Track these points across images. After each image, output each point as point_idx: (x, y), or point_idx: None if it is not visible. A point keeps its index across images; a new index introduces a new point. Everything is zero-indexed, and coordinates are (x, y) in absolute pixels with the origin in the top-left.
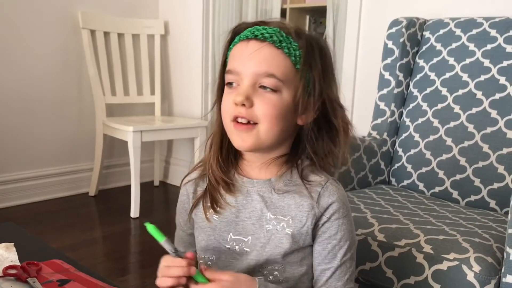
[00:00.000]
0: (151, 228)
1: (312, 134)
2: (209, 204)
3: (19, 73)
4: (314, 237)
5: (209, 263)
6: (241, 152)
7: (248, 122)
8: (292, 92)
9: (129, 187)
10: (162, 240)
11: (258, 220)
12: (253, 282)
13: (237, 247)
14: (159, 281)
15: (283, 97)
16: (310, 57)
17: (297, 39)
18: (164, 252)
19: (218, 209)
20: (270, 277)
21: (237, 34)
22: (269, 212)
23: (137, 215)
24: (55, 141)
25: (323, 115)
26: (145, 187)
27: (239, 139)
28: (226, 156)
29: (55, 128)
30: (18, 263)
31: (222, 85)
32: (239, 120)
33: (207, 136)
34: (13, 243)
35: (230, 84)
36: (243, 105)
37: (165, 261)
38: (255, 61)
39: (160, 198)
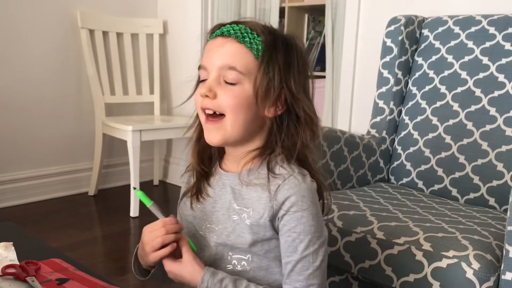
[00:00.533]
0: (139, 193)
1: (276, 125)
2: (194, 194)
3: (18, 72)
4: (277, 230)
5: None
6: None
7: (214, 113)
8: (253, 83)
9: (128, 186)
10: (149, 204)
11: (227, 211)
12: (201, 269)
13: (208, 235)
14: (151, 246)
15: (244, 88)
16: (270, 50)
17: (262, 34)
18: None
19: (201, 199)
20: (238, 266)
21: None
22: (235, 204)
23: (137, 214)
24: (54, 140)
25: (289, 108)
26: (145, 186)
27: (210, 135)
28: (208, 149)
29: (54, 127)
30: (17, 262)
31: (199, 83)
32: (207, 111)
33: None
34: (11, 243)
35: (200, 79)
36: (207, 96)
37: (151, 226)
38: (218, 55)
39: (160, 197)
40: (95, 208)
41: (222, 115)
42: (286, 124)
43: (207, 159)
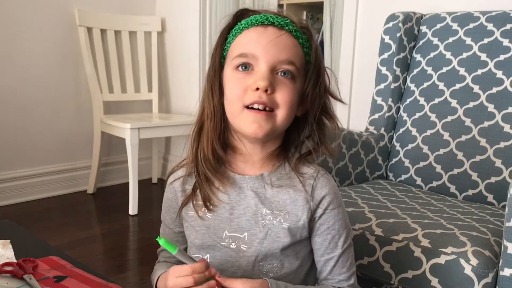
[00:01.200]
0: (162, 241)
1: (310, 125)
2: (200, 202)
3: (16, 71)
4: (311, 229)
5: None
6: (234, 147)
7: (264, 109)
8: (302, 82)
9: (127, 184)
10: (174, 251)
11: (253, 216)
12: (265, 283)
13: (233, 244)
14: None
15: (297, 85)
16: (318, 51)
17: (305, 31)
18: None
19: (211, 206)
20: (270, 274)
21: (239, 19)
22: (265, 208)
23: (136, 212)
24: (53, 139)
25: (321, 108)
26: (143, 184)
27: (256, 125)
28: (215, 149)
29: (52, 126)
30: (14, 260)
31: (218, 70)
32: (256, 106)
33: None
34: (9, 240)
35: (243, 67)
36: (266, 91)
37: (179, 271)
38: (277, 47)
39: (159, 195)
40: (94, 206)
41: (271, 110)
42: (310, 124)
43: (211, 160)
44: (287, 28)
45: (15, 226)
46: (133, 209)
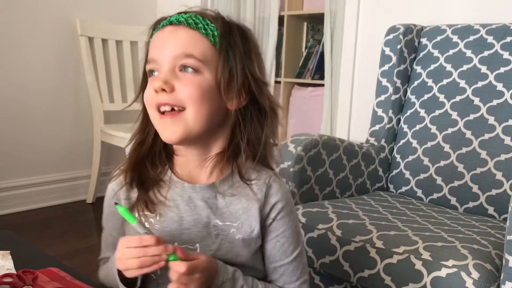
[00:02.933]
0: (122, 210)
1: (239, 117)
2: (146, 212)
3: (17, 80)
4: (263, 236)
5: (153, 275)
6: (175, 150)
7: (173, 109)
8: (213, 72)
9: None
10: (134, 222)
11: (205, 228)
12: (214, 261)
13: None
14: (125, 265)
15: (205, 77)
16: (228, 36)
17: (214, 21)
18: None
19: (158, 217)
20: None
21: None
22: (217, 219)
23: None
24: (53, 148)
25: (251, 99)
26: None
27: (167, 131)
28: (155, 154)
29: (52, 135)
30: (14, 271)
31: (145, 80)
32: (162, 108)
33: None
34: (9, 251)
35: (151, 73)
36: (164, 90)
37: (128, 241)
38: (171, 44)
39: None
40: (93, 215)
41: (181, 110)
42: (249, 116)
43: (150, 165)
44: (185, 22)
45: (15, 236)
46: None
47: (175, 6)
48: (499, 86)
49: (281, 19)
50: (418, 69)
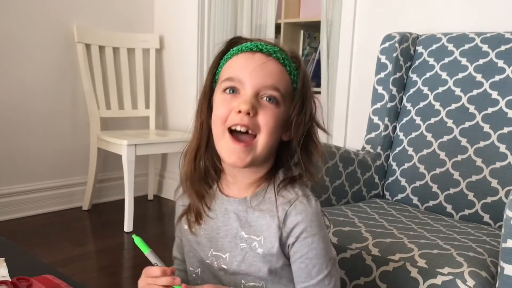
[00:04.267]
0: (137, 240)
1: (294, 151)
2: (193, 219)
3: (14, 86)
4: (289, 256)
5: (194, 275)
6: (225, 168)
7: (247, 132)
8: (287, 108)
9: (123, 201)
10: (147, 251)
11: (234, 238)
12: None
13: (215, 263)
14: None
15: (281, 110)
16: (306, 79)
17: (294, 59)
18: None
19: (202, 225)
20: None
21: (231, 46)
22: (243, 231)
23: (131, 229)
24: (49, 154)
25: (307, 134)
26: (139, 201)
27: (234, 156)
28: (205, 169)
29: (49, 141)
30: (8, 278)
31: (209, 94)
32: (239, 128)
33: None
34: (3, 258)
35: (230, 91)
36: (248, 113)
37: (152, 271)
38: (262, 73)
39: (154, 212)
40: (89, 222)
41: (253, 135)
42: (296, 150)
43: (209, 179)
44: (274, 55)
45: (10, 243)
46: (128, 226)
47: (169, 11)
48: (494, 94)
49: (277, 26)
50: (414, 77)
